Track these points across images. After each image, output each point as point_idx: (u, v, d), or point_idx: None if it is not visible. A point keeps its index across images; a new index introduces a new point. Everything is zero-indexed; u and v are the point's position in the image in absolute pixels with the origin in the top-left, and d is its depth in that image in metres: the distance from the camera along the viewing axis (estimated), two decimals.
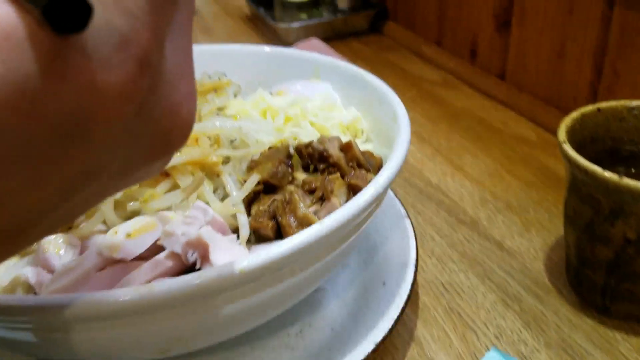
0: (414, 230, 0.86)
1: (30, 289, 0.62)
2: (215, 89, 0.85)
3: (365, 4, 1.80)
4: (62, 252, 0.63)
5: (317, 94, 0.88)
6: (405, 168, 1.17)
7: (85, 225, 0.64)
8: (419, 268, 0.88)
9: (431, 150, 1.23)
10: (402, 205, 0.91)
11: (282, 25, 1.66)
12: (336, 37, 1.70)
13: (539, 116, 1.33)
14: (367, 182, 0.65)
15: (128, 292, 0.50)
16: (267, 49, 0.99)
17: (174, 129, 0.30)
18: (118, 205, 0.65)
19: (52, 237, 0.63)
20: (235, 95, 0.88)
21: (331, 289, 0.81)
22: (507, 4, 1.39)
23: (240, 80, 0.95)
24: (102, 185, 0.28)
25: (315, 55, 0.95)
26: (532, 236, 0.97)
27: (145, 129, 0.28)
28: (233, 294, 0.56)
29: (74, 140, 0.23)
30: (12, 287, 0.62)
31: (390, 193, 0.95)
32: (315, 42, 1.49)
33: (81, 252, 0.65)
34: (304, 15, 1.76)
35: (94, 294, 0.50)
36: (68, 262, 0.61)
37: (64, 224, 0.32)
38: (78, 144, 0.23)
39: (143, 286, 0.51)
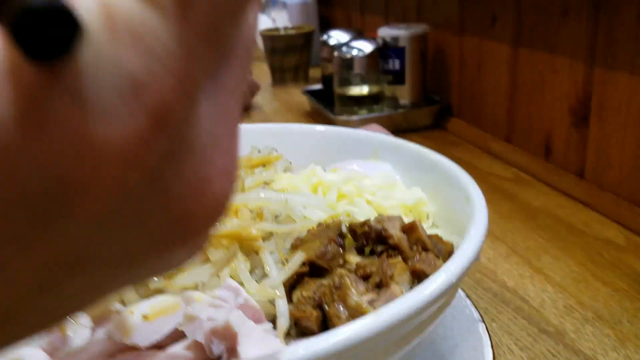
0: (490, 338, 0.71)
1: None
2: (264, 164, 0.78)
3: (428, 100, 1.75)
4: (70, 333, 0.53)
5: (375, 173, 0.79)
6: (476, 268, 1.03)
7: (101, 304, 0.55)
8: None
9: (505, 249, 1.09)
10: (476, 307, 0.77)
11: (341, 118, 1.63)
12: (397, 132, 1.64)
13: (624, 217, 1.17)
14: (436, 268, 0.53)
15: None
16: (321, 127, 0.93)
17: (199, 212, 0.23)
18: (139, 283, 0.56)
19: None
20: (285, 172, 0.79)
21: None
22: (584, 99, 1.29)
23: (293, 160, 0.88)
24: (98, 276, 0.21)
25: (373, 134, 0.88)
26: (629, 352, 0.79)
27: (158, 208, 0.21)
28: None
29: (54, 216, 0.17)
30: None
31: (460, 292, 0.81)
32: (375, 127, 1.43)
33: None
34: (363, 111, 1.73)
35: None
36: (73, 346, 0.51)
37: (51, 324, 0.23)
38: (59, 221, 0.17)
39: None
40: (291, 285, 0.58)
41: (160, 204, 0.21)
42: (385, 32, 1.67)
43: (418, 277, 0.54)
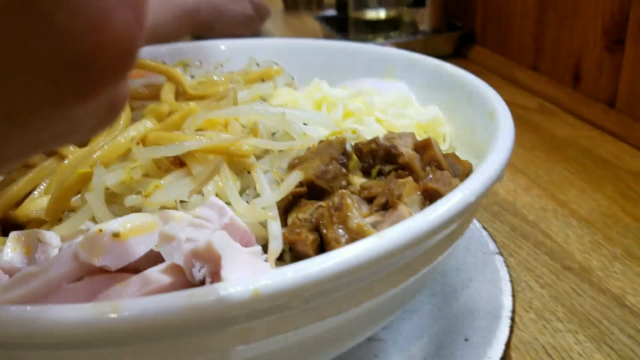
0: (508, 272, 0.65)
1: None
2: (263, 79, 0.70)
3: (449, 26, 1.62)
4: (35, 252, 0.47)
5: (389, 90, 0.70)
6: (494, 200, 0.95)
7: (69, 221, 0.49)
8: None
9: (526, 182, 1.01)
10: (493, 239, 0.70)
11: None
12: None
13: None
14: (452, 188, 0.46)
15: (79, 310, 0.33)
16: (330, 42, 0.83)
17: (98, 53, 0.19)
18: (113, 199, 0.49)
19: (24, 232, 0.48)
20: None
21: (392, 341, 0.60)
22: (619, 18, 1.17)
23: (298, 78, 0.79)
24: None
25: (387, 49, 0.78)
26: None
27: (44, 45, 0.18)
28: (242, 330, 0.38)
29: None
30: None
31: (475, 223, 0.74)
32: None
33: None
34: (380, 37, 1.61)
35: (25, 309, 0.33)
36: (34, 266, 0.45)
37: None
38: None
39: (103, 303, 0.34)
40: (286, 208, 0.51)
41: (45, 40, 0.17)
42: None
43: (431, 197, 0.47)
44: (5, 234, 0.50)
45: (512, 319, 0.58)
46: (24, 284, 0.43)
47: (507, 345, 0.53)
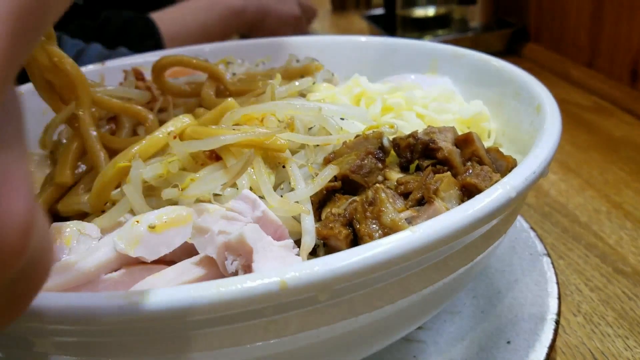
0: (556, 274, 0.62)
1: None
2: (302, 75, 0.69)
3: (501, 23, 1.58)
4: (74, 243, 0.48)
5: (431, 85, 0.69)
6: (544, 201, 0.92)
7: (108, 213, 0.50)
8: (559, 327, 0.63)
9: (579, 183, 0.97)
10: (541, 240, 0.67)
11: None
12: None
13: None
14: (493, 183, 0.44)
15: (111, 298, 0.33)
16: (372, 38, 0.82)
17: None
18: (151, 192, 0.50)
19: (65, 223, 0.49)
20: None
21: (432, 343, 0.59)
22: None
23: (340, 75, 0.79)
24: None
25: (431, 44, 0.77)
26: None
27: None
28: (272, 323, 0.37)
29: None
30: None
31: (522, 223, 0.71)
32: None
33: None
34: (428, 35, 1.59)
35: (56, 296, 0.33)
36: (74, 255, 0.46)
37: None
38: None
39: (134, 292, 0.34)
40: (321, 202, 0.50)
41: None
42: None
43: (469, 193, 0.45)
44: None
45: (557, 322, 0.55)
46: (63, 273, 0.44)
47: (551, 348, 0.51)
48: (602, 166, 1.02)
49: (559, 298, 0.58)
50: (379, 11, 1.90)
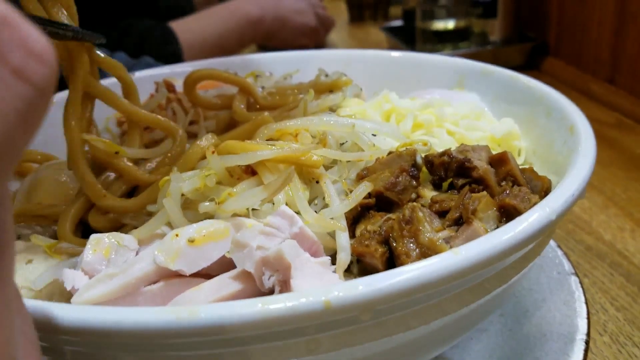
0: (584, 293, 0.62)
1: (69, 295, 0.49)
2: (332, 89, 0.70)
3: (521, 37, 1.58)
4: (113, 254, 0.49)
5: (460, 102, 0.69)
6: (568, 218, 0.92)
7: (146, 225, 0.50)
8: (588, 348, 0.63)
9: (603, 200, 0.97)
10: (568, 259, 0.67)
11: None
12: None
13: None
14: (531, 204, 0.44)
15: (158, 313, 0.34)
16: (398, 53, 0.83)
17: None
18: (187, 205, 0.51)
19: (104, 235, 0.50)
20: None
21: None
22: None
23: (366, 89, 0.79)
24: None
25: (459, 60, 0.77)
26: None
27: None
28: (312, 341, 0.38)
29: None
30: (49, 292, 0.50)
31: (550, 242, 0.71)
32: None
33: None
34: (448, 48, 1.59)
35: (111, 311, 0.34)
36: (112, 268, 0.47)
37: None
38: None
39: (180, 308, 0.34)
40: (355, 219, 0.51)
41: None
42: None
43: (507, 214, 0.45)
44: (85, 236, 0.52)
45: (587, 343, 0.55)
46: (104, 285, 0.44)
47: None
48: (625, 183, 1.01)
49: (588, 318, 0.58)
50: (397, 23, 1.91)
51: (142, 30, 1.40)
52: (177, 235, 0.46)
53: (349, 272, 0.48)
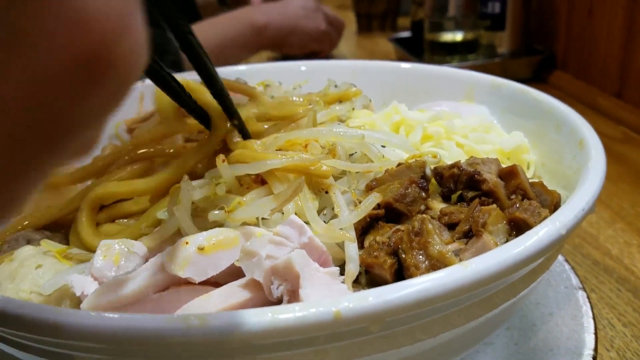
0: (591, 308, 0.62)
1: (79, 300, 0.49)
2: (341, 100, 0.70)
3: (529, 49, 1.58)
4: (122, 261, 0.49)
5: (469, 115, 0.69)
6: (576, 232, 0.91)
7: (155, 232, 0.51)
8: None
9: (610, 215, 0.96)
10: (576, 273, 0.67)
11: None
12: None
13: None
14: (541, 218, 0.44)
15: (168, 320, 0.34)
16: (407, 65, 0.83)
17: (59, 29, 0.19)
18: (197, 213, 0.51)
19: (114, 241, 0.50)
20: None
21: None
22: None
23: (375, 100, 0.80)
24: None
25: (468, 72, 0.77)
26: None
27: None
28: (319, 352, 0.38)
29: None
30: (59, 297, 0.50)
31: (558, 256, 0.71)
32: None
33: None
34: (455, 60, 1.59)
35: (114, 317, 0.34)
36: (122, 274, 0.47)
37: None
38: None
39: (190, 315, 0.34)
40: (364, 229, 0.51)
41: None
42: None
43: (517, 227, 0.45)
44: None
45: (594, 358, 0.55)
46: (114, 291, 0.44)
47: None
48: (632, 198, 1.01)
49: (596, 333, 0.58)
50: (406, 34, 1.92)
51: None
52: (187, 243, 0.46)
53: (357, 283, 0.48)
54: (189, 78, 0.58)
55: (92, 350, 0.38)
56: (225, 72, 0.79)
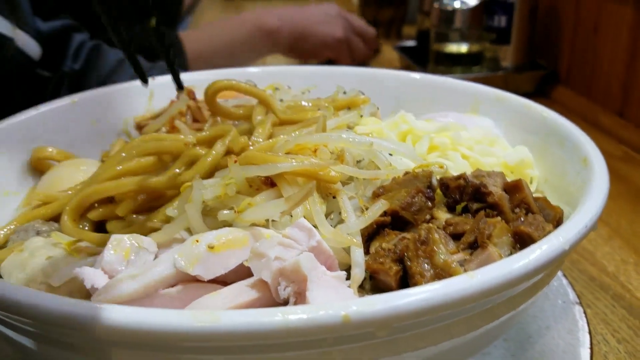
0: (588, 324, 0.63)
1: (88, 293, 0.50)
2: (349, 107, 0.71)
3: (533, 64, 1.60)
4: (132, 256, 0.50)
5: (474, 127, 0.70)
6: None
7: (165, 229, 0.51)
8: None
9: (608, 232, 0.97)
10: (573, 288, 0.68)
11: None
12: None
13: None
14: (546, 233, 0.45)
15: (179, 315, 0.35)
16: (415, 75, 0.84)
17: None
18: (208, 211, 0.52)
19: (124, 236, 0.51)
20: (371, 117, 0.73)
21: None
22: None
23: (382, 108, 0.81)
24: None
25: (474, 85, 0.78)
26: None
27: None
28: (324, 354, 0.39)
29: None
30: (68, 289, 0.50)
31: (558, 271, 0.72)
32: None
33: None
34: (459, 70, 1.61)
35: (130, 311, 0.35)
36: (132, 269, 0.48)
37: None
38: None
39: (202, 312, 0.35)
40: (370, 235, 0.52)
41: None
42: None
43: (521, 241, 0.46)
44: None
45: None
46: (124, 285, 0.45)
47: None
48: (631, 217, 1.02)
49: (591, 348, 0.59)
50: (411, 43, 1.93)
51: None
52: (197, 241, 0.47)
53: (361, 288, 0.49)
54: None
55: (103, 343, 0.38)
56: (236, 74, 0.80)
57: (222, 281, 0.48)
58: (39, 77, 0.97)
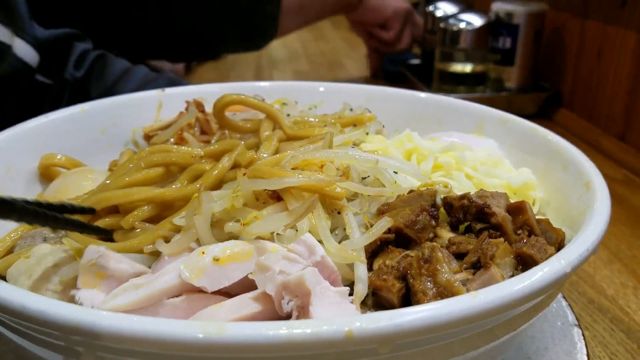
0: (586, 346, 0.63)
1: None
2: (355, 124, 0.72)
3: (536, 86, 1.61)
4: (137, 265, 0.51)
5: (479, 148, 0.71)
6: None
7: (176, 240, 0.52)
8: None
9: (607, 255, 0.98)
10: (572, 310, 0.68)
11: None
12: None
13: None
14: (548, 255, 0.46)
15: (186, 326, 0.36)
16: (422, 94, 0.85)
17: None
18: (215, 223, 0.52)
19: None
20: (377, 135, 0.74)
21: None
22: None
23: (387, 126, 0.82)
24: None
25: (479, 106, 0.79)
26: None
27: None
28: None
29: None
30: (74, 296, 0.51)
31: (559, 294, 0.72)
32: None
33: None
34: (462, 90, 1.62)
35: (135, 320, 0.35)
36: (140, 277, 0.48)
37: None
38: None
39: (208, 322, 0.36)
40: (373, 252, 0.52)
41: None
42: (499, 7, 1.55)
43: (524, 262, 0.47)
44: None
45: None
46: (129, 294, 0.46)
47: None
48: (630, 240, 1.03)
49: None
50: (416, 61, 1.95)
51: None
52: (203, 252, 0.47)
53: (363, 304, 0.49)
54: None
55: (107, 350, 0.39)
56: (244, 88, 0.82)
57: (226, 293, 0.48)
58: (38, 84, 0.98)
